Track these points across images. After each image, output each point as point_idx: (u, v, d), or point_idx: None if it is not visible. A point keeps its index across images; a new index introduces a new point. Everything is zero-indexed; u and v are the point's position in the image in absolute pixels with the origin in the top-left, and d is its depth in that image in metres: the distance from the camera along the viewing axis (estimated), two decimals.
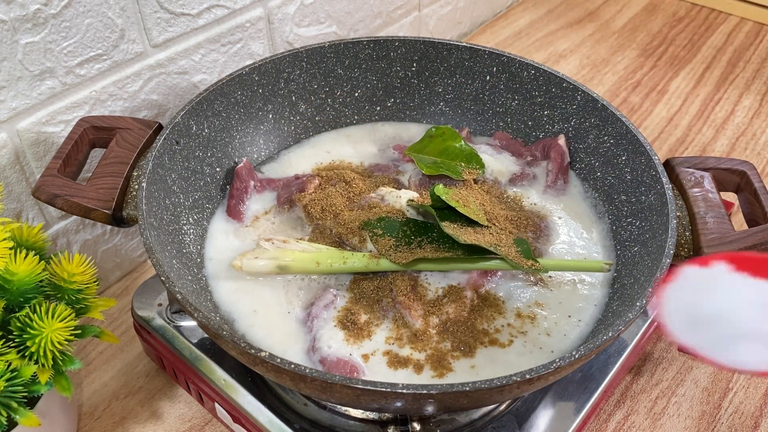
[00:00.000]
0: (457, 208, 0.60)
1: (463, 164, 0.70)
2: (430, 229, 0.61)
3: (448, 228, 0.59)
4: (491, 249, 0.57)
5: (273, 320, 0.58)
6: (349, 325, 0.57)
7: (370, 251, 0.60)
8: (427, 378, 0.54)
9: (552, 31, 1.27)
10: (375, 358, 0.55)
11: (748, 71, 1.16)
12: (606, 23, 1.30)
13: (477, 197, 0.65)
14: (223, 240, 0.65)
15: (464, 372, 0.54)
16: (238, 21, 0.77)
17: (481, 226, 0.61)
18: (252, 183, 0.69)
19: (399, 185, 0.70)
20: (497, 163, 0.72)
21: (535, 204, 0.69)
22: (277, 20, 0.82)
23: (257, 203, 0.69)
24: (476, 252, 0.59)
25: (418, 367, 0.54)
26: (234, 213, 0.67)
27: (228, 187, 0.70)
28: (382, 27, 1.02)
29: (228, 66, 0.79)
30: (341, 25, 0.93)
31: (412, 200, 0.64)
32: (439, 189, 0.62)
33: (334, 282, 0.61)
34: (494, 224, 0.63)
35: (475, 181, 0.69)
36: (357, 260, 0.59)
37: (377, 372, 0.54)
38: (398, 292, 0.58)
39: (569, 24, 1.30)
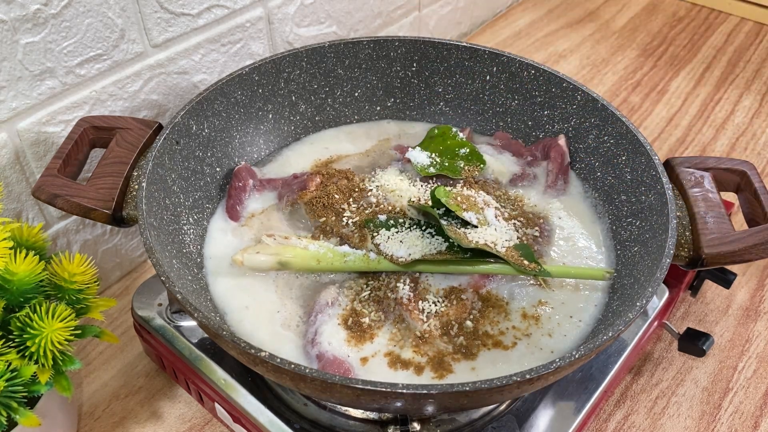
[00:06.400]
0: (457, 212, 0.60)
1: (463, 163, 0.70)
2: (430, 230, 0.61)
3: (451, 230, 0.59)
4: (495, 252, 0.57)
5: (269, 318, 0.58)
6: (353, 326, 0.57)
7: (371, 250, 0.60)
8: (427, 379, 0.54)
9: (552, 31, 1.27)
10: (375, 359, 0.55)
11: (748, 71, 1.16)
12: (606, 23, 1.30)
13: (477, 199, 0.65)
14: (222, 239, 0.65)
15: (464, 373, 0.54)
16: (238, 21, 0.77)
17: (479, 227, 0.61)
18: (251, 182, 0.69)
19: (400, 185, 0.70)
20: (498, 163, 0.72)
21: (535, 205, 0.69)
22: (277, 20, 0.82)
23: (257, 203, 0.69)
24: (478, 255, 0.59)
25: (419, 369, 0.54)
26: (232, 213, 0.67)
27: (228, 186, 0.70)
28: (382, 27, 1.02)
29: (228, 66, 0.79)
30: (341, 25, 0.93)
31: (413, 200, 0.64)
32: (440, 191, 0.61)
33: (334, 280, 0.61)
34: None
35: (476, 181, 0.69)
36: (357, 259, 0.59)
37: (378, 373, 0.54)
38: (398, 293, 0.58)
39: (569, 24, 1.30)
